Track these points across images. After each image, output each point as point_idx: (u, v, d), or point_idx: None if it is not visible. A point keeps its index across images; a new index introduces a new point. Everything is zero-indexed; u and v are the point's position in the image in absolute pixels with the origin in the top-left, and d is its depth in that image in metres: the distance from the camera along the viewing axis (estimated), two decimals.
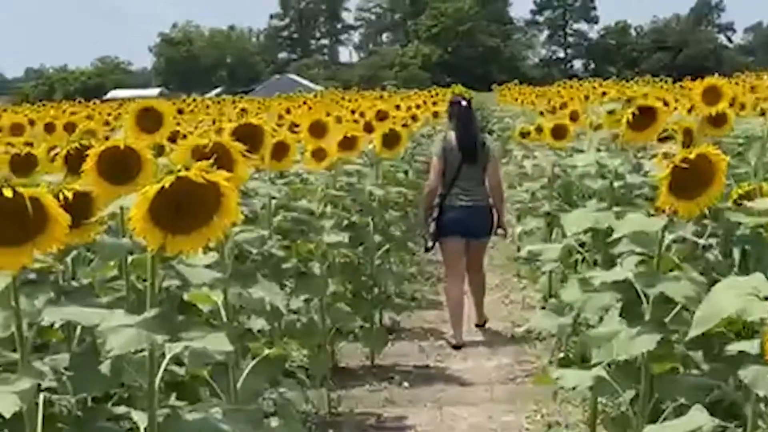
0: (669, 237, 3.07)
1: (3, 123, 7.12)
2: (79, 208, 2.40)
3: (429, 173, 7.02)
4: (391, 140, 5.93)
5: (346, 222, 6.03)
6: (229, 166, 2.70)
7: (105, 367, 2.28)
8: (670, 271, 3.17)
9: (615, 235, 3.16)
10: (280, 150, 4.76)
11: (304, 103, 20.19)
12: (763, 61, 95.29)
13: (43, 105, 32.32)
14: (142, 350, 2.12)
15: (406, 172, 9.10)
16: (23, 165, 3.84)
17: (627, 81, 32.18)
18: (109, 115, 14.42)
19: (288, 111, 13.59)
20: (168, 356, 2.13)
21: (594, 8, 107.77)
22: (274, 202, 5.05)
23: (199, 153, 2.55)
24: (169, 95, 61.13)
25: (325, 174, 5.94)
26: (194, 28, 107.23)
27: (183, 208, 1.91)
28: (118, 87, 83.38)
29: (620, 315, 3.19)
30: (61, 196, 2.38)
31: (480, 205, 6.92)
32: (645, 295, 3.01)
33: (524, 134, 9.52)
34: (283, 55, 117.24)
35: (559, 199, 6.93)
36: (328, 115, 11.82)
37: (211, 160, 1.88)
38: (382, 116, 7.89)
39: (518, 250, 9.99)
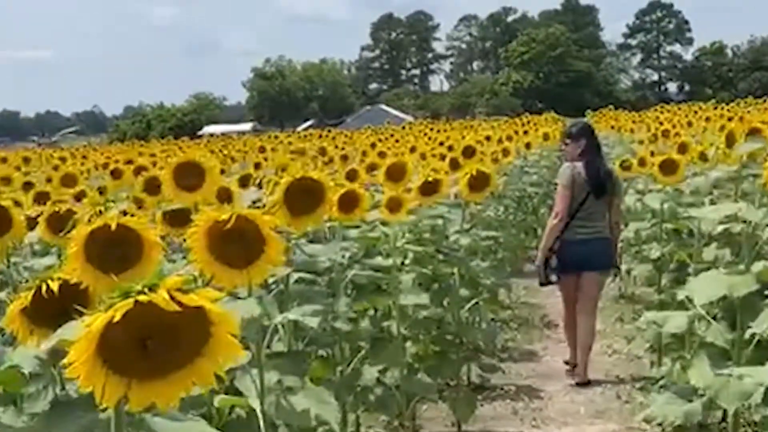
0: None
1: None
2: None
3: (555, 203, 6.61)
4: (479, 183, 5.30)
5: (428, 273, 5.43)
6: (258, 245, 2.14)
7: None
8: None
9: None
10: (349, 201, 4.20)
11: (392, 135, 19.76)
12: None
13: (139, 144, 32.74)
14: None
15: (496, 211, 8.42)
16: None
17: (726, 103, 30.80)
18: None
19: (373, 145, 13.15)
20: None
21: (689, 30, 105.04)
22: (347, 255, 4.51)
23: (218, 230, 1.99)
24: (261, 130, 61.70)
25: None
26: (287, 62, 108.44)
27: (151, 344, 1.33)
28: (213, 123, 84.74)
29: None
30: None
31: (600, 237, 6.57)
32: None
33: (625, 167, 8.79)
34: (374, 86, 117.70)
35: (670, 242, 6.16)
36: (413, 150, 11.38)
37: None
38: (469, 153, 7.30)
39: (619, 290, 9.25)
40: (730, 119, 13.00)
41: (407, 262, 5.32)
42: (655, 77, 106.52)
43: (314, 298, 3.51)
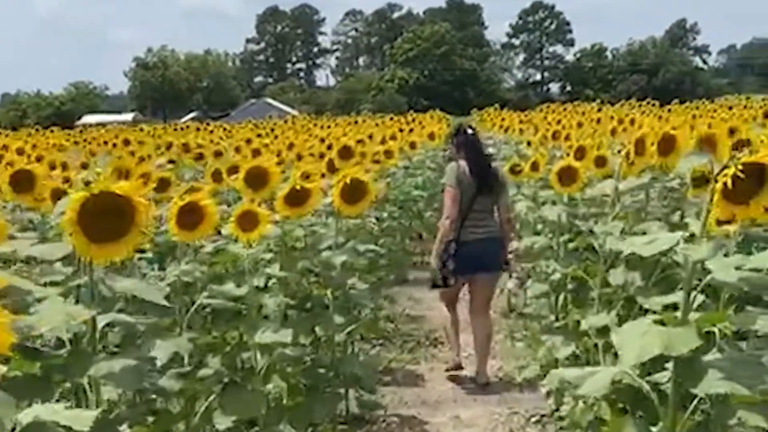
0: None
1: None
2: None
3: (445, 205, 6.50)
4: (354, 193, 4.54)
5: (297, 297, 4.66)
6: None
7: None
8: None
9: None
10: (191, 216, 3.40)
11: (272, 130, 18.88)
12: (737, 84, 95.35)
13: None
14: None
15: (377, 219, 7.68)
16: None
17: (606, 104, 31.07)
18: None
19: (249, 141, 12.31)
20: None
21: (570, 31, 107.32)
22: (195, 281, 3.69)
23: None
24: (142, 120, 59.64)
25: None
26: (169, 53, 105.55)
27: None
28: (92, 112, 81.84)
29: None
30: None
31: (493, 237, 6.53)
32: None
33: (515, 171, 8.20)
34: (259, 79, 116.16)
35: (568, 259, 5.52)
36: (291, 147, 10.55)
37: None
38: (347, 154, 6.55)
39: (509, 305, 8.66)
40: (620, 121, 12.65)
41: (271, 284, 4.53)
42: (538, 77, 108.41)
43: (127, 350, 2.72)
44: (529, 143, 12.15)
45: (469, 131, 6.77)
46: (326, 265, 4.69)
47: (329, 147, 9.70)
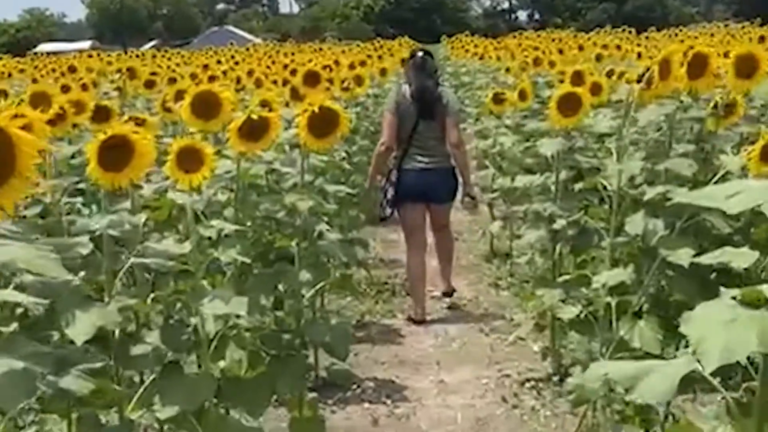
0: None
1: None
2: None
3: (382, 129, 6.32)
4: (323, 123, 3.75)
5: (255, 249, 3.90)
6: None
7: None
8: None
9: None
10: (118, 153, 2.64)
11: (232, 57, 17.87)
12: (706, 13, 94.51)
13: None
14: None
15: (348, 154, 6.89)
16: None
17: (585, 32, 30.17)
18: None
19: (206, 66, 11.44)
20: None
21: None
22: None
23: None
24: (101, 48, 57.77)
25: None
26: None
27: None
28: (49, 40, 79.42)
29: None
30: None
31: (441, 167, 6.24)
32: None
33: (498, 100, 7.42)
34: (221, 6, 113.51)
35: (575, 203, 4.75)
36: (250, 74, 9.68)
37: None
38: (313, 80, 5.74)
39: (492, 247, 7.98)
40: (605, 46, 11.88)
41: (225, 235, 3.76)
42: (506, 5, 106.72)
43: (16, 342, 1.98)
44: (507, 70, 11.34)
45: (419, 54, 6.48)
46: (290, 210, 3.92)
47: (293, 73, 8.86)
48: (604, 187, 4.22)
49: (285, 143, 4.77)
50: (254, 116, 3.63)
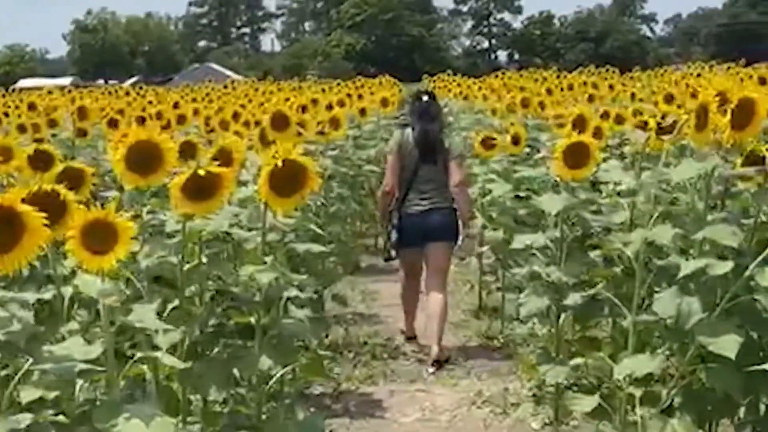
0: None
1: None
2: None
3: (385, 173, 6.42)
4: (288, 180, 3.09)
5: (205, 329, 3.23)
6: None
7: None
8: None
9: None
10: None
11: (207, 95, 17.25)
12: (683, 53, 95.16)
13: None
14: None
15: (324, 204, 6.22)
16: None
17: (568, 71, 29.79)
18: None
19: (176, 105, 10.78)
20: None
21: None
22: None
23: None
24: (82, 85, 57.13)
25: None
26: (110, 15, 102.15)
27: None
28: (31, 76, 78.79)
29: None
30: None
31: (442, 207, 6.22)
32: None
33: (488, 145, 6.79)
34: (203, 43, 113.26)
35: (580, 267, 4.12)
36: (220, 111, 9.06)
37: None
38: (281, 123, 5.12)
39: (480, 302, 7.32)
40: (595, 86, 11.33)
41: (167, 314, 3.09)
42: (486, 45, 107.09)
43: None
44: (494, 111, 10.77)
45: (425, 98, 6.48)
46: (247, 285, 3.24)
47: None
48: (619, 256, 3.60)
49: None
50: (201, 172, 2.97)
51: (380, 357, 6.19)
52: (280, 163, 3.10)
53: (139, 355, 2.52)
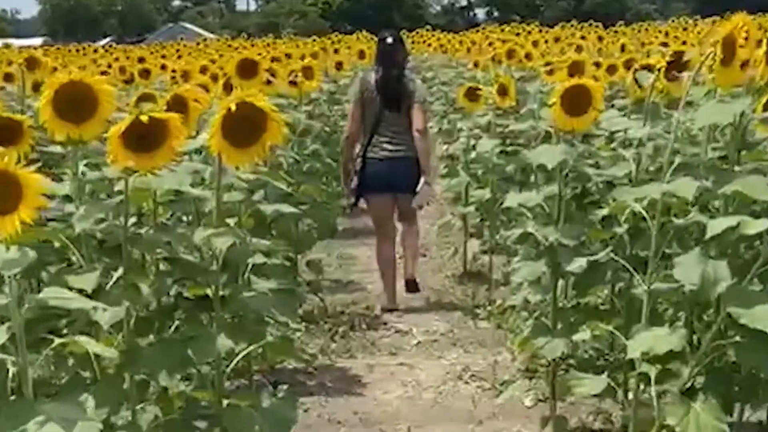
0: None
1: None
2: None
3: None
4: (246, 127, 2.63)
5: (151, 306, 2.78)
6: None
7: None
8: None
9: None
10: None
11: (177, 51, 16.64)
12: (664, 10, 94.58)
13: None
14: None
15: (296, 160, 5.74)
16: None
17: (549, 26, 29.22)
18: None
19: (141, 59, 10.26)
20: None
21: None
22: None
23: None
24: (53, 45, 55.92)
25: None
26: None
27: None
28: (1, 37, 77.36)
29: None
30: None
31: (406, 156, 6.04)
32: None
33: (473, 96, 6.33)
34: (177, 2, 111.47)
35: (578, 228, 3.67)
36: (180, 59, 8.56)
37: None
38: (249, 70, 4.65)
39: (465, 267, 6.90)
40: (583, 38, 10.85)
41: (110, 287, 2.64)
42: (464, 2, 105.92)
43: None
44: (476, 64, 10.27)
45: (388, 40, 6.21)
46: (203, 252, 2.78)
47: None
48: (634, 214, 3.16)
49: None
50: (144, 118, 2.50)
51: (359, 328, 5.75)
52: (233, 107, 2.63)
53: (58, 341, 2.05)
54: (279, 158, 5.19)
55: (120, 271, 2.75)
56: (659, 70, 3.59)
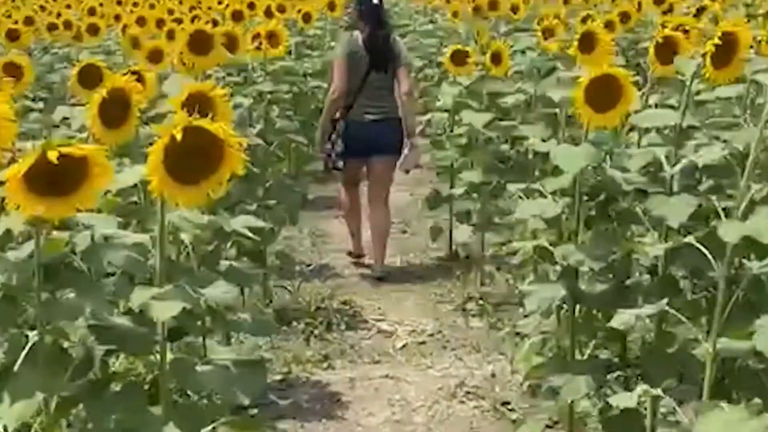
0: None
1: None
2: None
3: (332, 77, 5.98)
4: (197, 157, 1.97)
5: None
6: None
7: None
8: None
9: None
10: None
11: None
12: None
13: None
14: None
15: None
16: None
17: None
18: None
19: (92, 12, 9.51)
20: None
21: None
22: None
23: None
24: None
25: None
26: None
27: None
28: None
29: None
30: None
31: (390, 118, 5.94)
32: None
33: (460, 61, 5.64)
34: None
35: (605, 245, 3.04)
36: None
37: None
38: (200, 44, 3.97)
39: (451, 250, 6.27)
40: None
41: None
42: None
43: None
44: (455, 14, 9.50)
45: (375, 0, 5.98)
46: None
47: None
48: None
49: None
50: (52, 155, 1.83)
51: (337, 328, 5.10)
52: (179, 135, 1.96)
53: None
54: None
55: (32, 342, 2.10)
56: (704, 55, 2.97)
